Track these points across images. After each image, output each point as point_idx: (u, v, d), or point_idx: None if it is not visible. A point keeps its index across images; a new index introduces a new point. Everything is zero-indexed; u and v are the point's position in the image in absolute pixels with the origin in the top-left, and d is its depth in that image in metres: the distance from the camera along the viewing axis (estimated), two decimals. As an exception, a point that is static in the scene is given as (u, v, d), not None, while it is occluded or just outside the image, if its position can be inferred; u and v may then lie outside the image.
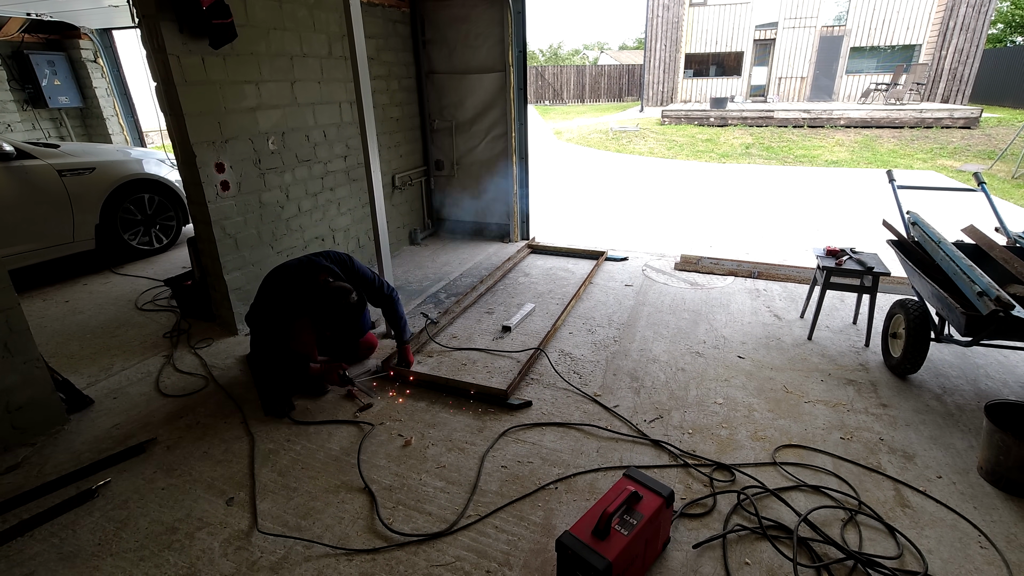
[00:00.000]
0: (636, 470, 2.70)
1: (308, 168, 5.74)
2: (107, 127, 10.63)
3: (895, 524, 2.86)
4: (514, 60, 7.03)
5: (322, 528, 2.94)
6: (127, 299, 6.08)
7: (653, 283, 6.18)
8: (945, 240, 4.18)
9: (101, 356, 4.87)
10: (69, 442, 3.71)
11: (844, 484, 3.16)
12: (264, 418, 3.90)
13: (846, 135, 17.69)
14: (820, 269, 4.78)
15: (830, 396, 4.02)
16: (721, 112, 20.84)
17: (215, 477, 3.35)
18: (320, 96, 5.75)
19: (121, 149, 7.64)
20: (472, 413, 3.92)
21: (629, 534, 2.34)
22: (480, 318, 5.44)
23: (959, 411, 3.81)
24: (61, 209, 6.39)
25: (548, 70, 36.22)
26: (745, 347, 4.76)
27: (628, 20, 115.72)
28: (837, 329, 5.04)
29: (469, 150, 7.73)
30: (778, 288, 5.96)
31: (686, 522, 2.92)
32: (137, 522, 3.02)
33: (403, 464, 3.42)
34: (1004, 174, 12.19)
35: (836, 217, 9.05)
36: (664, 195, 11.22)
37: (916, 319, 3.99)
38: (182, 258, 7.47)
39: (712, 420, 3.77)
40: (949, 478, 3.20)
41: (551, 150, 18.41)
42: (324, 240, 6.08)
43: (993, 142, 15.46)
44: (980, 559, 2.66)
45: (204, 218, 4.81)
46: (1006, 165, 12.80)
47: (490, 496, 3.14)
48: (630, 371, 4.41)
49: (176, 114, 4.49)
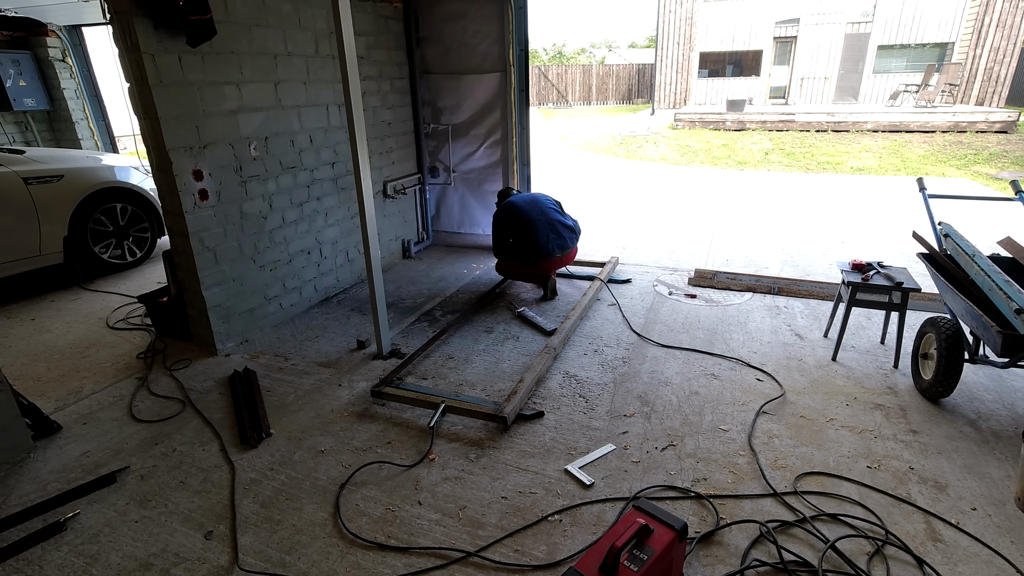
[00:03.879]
0: (646, 501, 2.71)
1: (293, 176, 5.78)
2: (76, 131, 10.64)
3: (926, 558, 2.88)
4: (515, 59, 7.07)
5: (308, 564, 2.95)
6: (98, 317, 6.11)
7: (665, 300, 6.20)
8: (980, 253, 4.18)
9: (70, 378, 4.89)
10: (35, 471, 3.73)
11: (871, 515, 3.18)
12: (244, 446, 3.91)
13: (873, 140, 17.73)
14: (845, 285, 4.81)
15: (856, 421, 4.03)
16: (738, 115, 20.90)
17: (192, 509, 3.36)
18: (306, 98, 5.81)
19: (91, 155, 7.68)
20: (466, 440, 3.94)
21: (639, 570, 2.34)
22: (477, 337, 5.47)
23: (995, 438, 3.82)
24: (27, 220, 6.42)
25: (552, 70, 36.28)
26: (764, 369, 4.78)
27: (638, 16, 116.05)
28: (863, 349, 5.06)
29: (467, 156, 7.79)
30: (800, 305, 5.98)
31: (701, 557, 2.94)
32: (108, 557, 3.03)
33: (395, 495, 3.44)
34: (1044, 182, 12.22)
35: (862, 228, 9.07)
36: (677, 205, 11.26)
37: (948, 338, 3.99)
38: (157, 273, 7.50)
39: (729, 447, 3.79)
40: (984, 510, 3.21)
41: (556, 156, 18.49)
42: (311, 253, 6.12)
43: (1032, 148, 15.50)
44: (1018, 597, 2.67)
45: (181, 229, 4.83)
46: (1046, 172, 12.85)
47: (489, 529, 3.16)
48: (640, 394, 4.43)
49: (151, 117, 4.52)
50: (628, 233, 9.10)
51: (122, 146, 13.55)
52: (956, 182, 13.04)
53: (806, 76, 27.11)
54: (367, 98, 6.71)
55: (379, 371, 4.86)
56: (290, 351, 5.28)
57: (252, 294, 5.47)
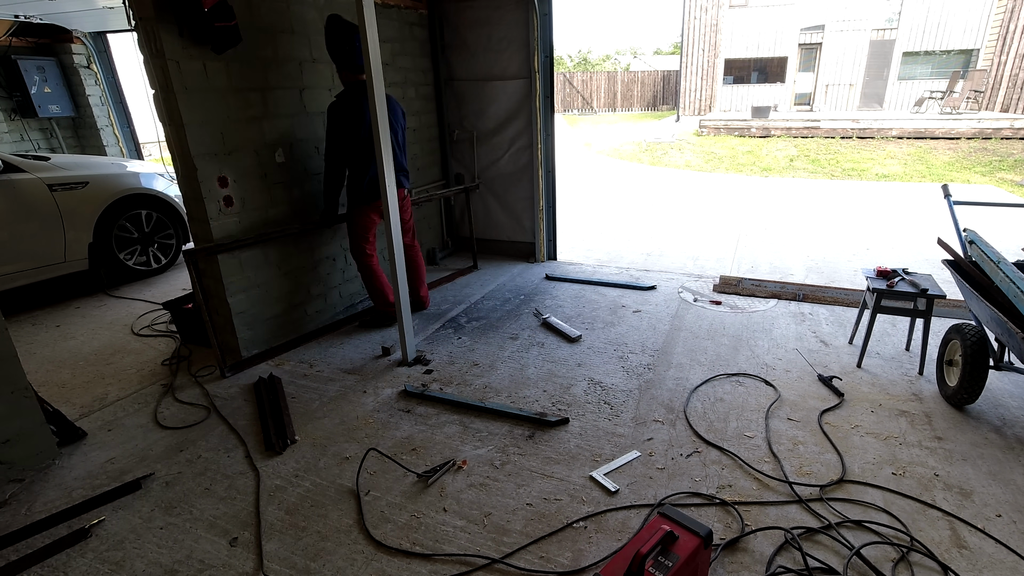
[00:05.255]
0: (671, 508, 2.71)
1: (318, 182, 5.80)
2: (101, 138, 10.69)
3: (951, 565, 2.86)
4: (540, 66, 7.08)
5: (332, 571, 2.97)
6: (123, 323, 6.18)
7: (690, 306, 6.20)
8: (1005, 260, 4.15)
9: (95, 385, 4.95)
10: (60, 477, 3.77)
11: (896, 521, 3.16)
12: (269, 452, 3.95)
13: (898, 147, 17.63)
14: (870, 291, 4.79)
15: (881, 428, 4.01)
16: (763, 122, 20.84)
17: (217, 515, 3.39)
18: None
19: (116, 162, 7.71)
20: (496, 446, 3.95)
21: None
22: (503, 344, 5.48)
23: (1020, 445, 3.79)
24: (52, 226, 6.48)
25: (576, 77, 36.28)
26: (789, 375, 4.76)
27: (663, 23, 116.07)
28: (888, 356, 5.03)
29: (492, 163, 7.80)
30: (825, 312, 5.96)
31: (726, 564, 2.94)
32: (133, 564, 3.06)
33: (420, 501, 3.45)
34: (1073, 188, 12.12)
35: (887, 235, 9.02)
36: (702, 211, 11.24)
37: (973, 345, 3.97)
38: (182, 279, 7.57)
39: (754, 455, 3.78)
40: (1010, 516, 3.19)
41: (580, 162, 18.52)
42: (335, 259, 6.15)
43: (1059, 154, 15.36)
44: (1049, 608, 2.65)
45: (206, 236, 4.86)
46: (1075, 178, 12.72)
47: (514, 536, 3.17)
48: (665, 402, 4.43)
49: (176, 124, 4.54)
50: (653, 239, 9.10)
51: (147, 152, 13.65)
52: (981, 189, 12.94)
53: (831, 83, 26.95)
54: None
55: (404, 377, 4.89)
56: (315, 358, 5.31)
57: (277, 300, 5.51)
